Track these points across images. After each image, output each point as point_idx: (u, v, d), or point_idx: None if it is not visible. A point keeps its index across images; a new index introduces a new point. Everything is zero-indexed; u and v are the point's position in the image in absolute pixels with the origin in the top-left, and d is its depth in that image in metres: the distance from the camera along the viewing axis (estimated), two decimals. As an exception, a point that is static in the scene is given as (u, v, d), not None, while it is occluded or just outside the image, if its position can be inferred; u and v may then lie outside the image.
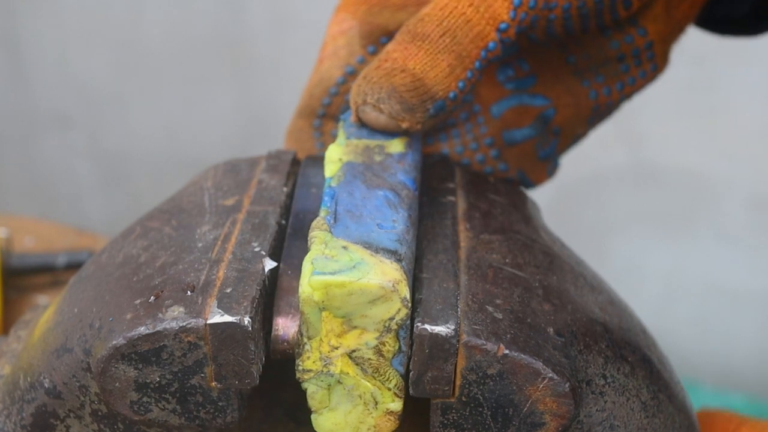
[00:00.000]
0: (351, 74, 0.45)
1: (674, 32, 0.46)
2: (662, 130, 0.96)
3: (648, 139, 0.97)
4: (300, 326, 0.36)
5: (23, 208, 1.12)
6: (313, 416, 0.37)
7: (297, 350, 0.36)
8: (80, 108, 1.17)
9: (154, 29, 1.10)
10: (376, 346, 0.36)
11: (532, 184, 0.48)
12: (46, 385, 0.38)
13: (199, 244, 0.39)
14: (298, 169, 0.45)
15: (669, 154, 0.97)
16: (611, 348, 0.40)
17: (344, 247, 0.36)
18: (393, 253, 0.37)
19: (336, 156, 0.42)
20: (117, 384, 0.36)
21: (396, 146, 0.42)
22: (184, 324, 0.35)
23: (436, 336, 0.35)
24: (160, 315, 0.36)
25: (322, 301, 0.35)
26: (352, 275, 0.35)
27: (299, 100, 0.46)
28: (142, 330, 0.35)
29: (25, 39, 1.14)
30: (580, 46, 0.45)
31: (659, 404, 0.41)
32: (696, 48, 0.86)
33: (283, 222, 0.41)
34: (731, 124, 0.94)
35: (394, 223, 0.38)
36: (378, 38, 0.45)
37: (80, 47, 1.13)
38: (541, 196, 0.94)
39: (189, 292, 0.36)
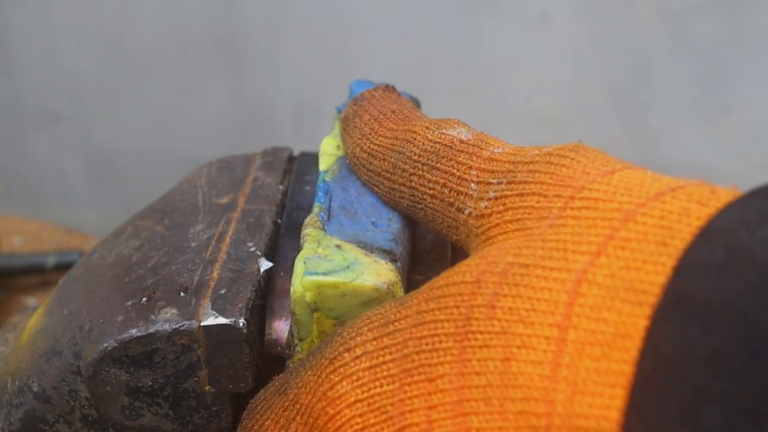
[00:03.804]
0: None
1: None
2: (673, 127, 0.95)
3: (658, 137, 0.96)
4: (291, 327, 0.35)
5: (11, 207, 1.11)
6: (307, 420, 0.37)
7: (288, 351, 0.36)
8: (70, 104, 1.16)
9: (145, 23, 1.09)
10: (372, 348, 0.35)
11: None
12: (35, 390, 0.38)
13: (193, 244, 0.39)
14: (294, 166, 0.44)
15: (680, 151, 0.96)
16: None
17: (338, 246, 0.36)
18: (388, 253, 0.36)
19: (331, 149, 0.41)
20: (108, 388, 0.36)
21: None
22: (177, 326, 0.35)
23: None
24: (153, 317, 0.35)
25: (314, 302, 0.34)
26: (345, 276, 0.34)
27: None
28: (134, 332, 0.35)
29: (13, 33, 1.13)
30: None
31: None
32: (707, 42, 0.85)
33: (280, 221, 0.40)
34: (744, 120, 0.93)
35: (390, 221, 0.37)
36: None
37: (70, 41, 1.12)
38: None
39: (182, 294, 0.36)
